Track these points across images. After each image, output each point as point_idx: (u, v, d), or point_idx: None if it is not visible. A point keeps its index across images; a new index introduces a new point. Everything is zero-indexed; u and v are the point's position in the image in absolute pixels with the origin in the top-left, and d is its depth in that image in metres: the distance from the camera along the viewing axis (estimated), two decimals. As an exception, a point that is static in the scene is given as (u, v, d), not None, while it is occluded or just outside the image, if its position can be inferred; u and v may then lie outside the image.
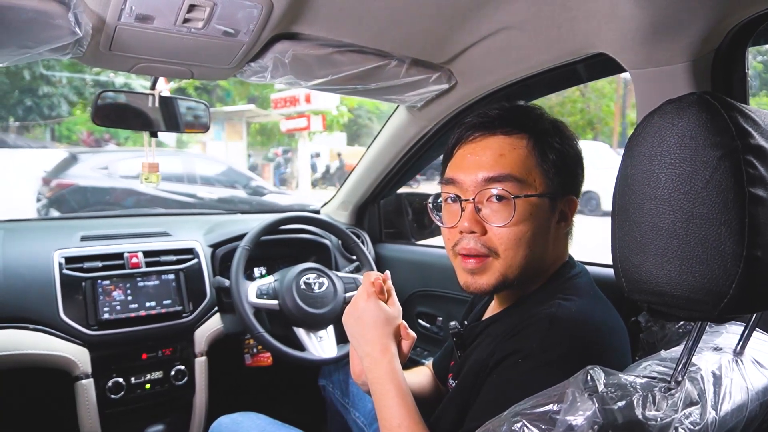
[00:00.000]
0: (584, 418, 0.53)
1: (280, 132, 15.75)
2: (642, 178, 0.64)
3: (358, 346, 0.97)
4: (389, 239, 2.21)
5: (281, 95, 13.37)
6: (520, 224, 0.86)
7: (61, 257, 1.52)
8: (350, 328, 0.98)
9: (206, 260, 1.72)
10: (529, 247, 0.87)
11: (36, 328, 1.42)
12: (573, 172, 0.93)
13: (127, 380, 1.54)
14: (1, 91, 11.89)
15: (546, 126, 0.92)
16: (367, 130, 19.64)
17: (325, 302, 1.64)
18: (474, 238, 0.88)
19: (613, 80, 15.84)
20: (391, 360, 0.92)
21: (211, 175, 8.53)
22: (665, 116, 0.63)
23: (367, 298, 0.97)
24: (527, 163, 0.88)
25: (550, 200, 0.89)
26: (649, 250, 0.63)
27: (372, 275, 1.01)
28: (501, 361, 0.82)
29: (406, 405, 0.88)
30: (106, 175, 7.41)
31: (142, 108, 1.32)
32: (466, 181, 0.89)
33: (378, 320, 0.95)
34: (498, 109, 0.93)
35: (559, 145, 0.90)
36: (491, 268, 0.89)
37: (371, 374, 0.93)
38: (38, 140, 13.02)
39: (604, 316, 0.87)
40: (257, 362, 1.80)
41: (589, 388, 0.58)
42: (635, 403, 0.58)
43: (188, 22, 0.99)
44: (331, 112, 14.77)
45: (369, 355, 0.94)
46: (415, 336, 1.00)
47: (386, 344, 0.94)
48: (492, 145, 0.89)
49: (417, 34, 1.21)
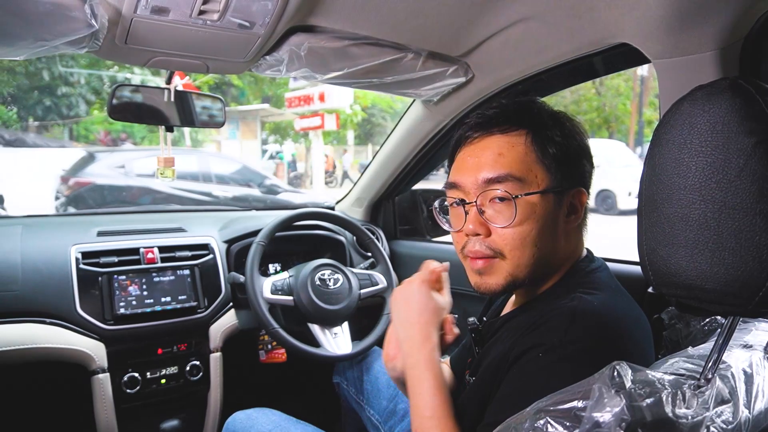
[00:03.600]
0: (612, 414, 0.50)
1: (294, 130, 15.81)
2: (671, 167, 0.62)
3: (402, 328, 0.95)
4: (404, 236, 2.19)
5: (295, 94, 13.41)
6: (524, 224, 0.85)
7: (78, 252, 1.53)
8: (397, 309, 0.97)
9: (221, 256, 1.72)
10: (536, 245, 0.86)
11: (53, 322, 1.43)
12: (577, 164, 0.90)
13: (142, 375, 1.54)
14: (21, 91, 12.08)
15: (544, 119, 0.90)
16: (380, 129, 19.65)
17: (340, 298, 1.63)
18: (479, 240, 0.88)
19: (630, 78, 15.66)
20: (432, 349, 0.91)
21: (225, 173, 8.59)
22: (696, 102, 0.60)
23: (420, 283, 0.96)
24: (527, 160, 0.86)
25: (556, 195, 0.87)
26: (678, 241, 0.60)
27: (432, 263, 1.00)
28: (521, 355, 0.80)
29: (441, 396, 0.87)
30: (122, 173, 7.51)
31: (157, 103, 1.32)
32: (467, 183, 0.89)
33: (426, 306, 0.94)
34: (495, 108, 0.92)
35: (560, 137, 0.88)
36: (499, 269, 0.88)
37: (410, 359, 0.91)
38: (57, 139, 13.21)
39: (627, 310, 0.85)
40: (272, 358, 1.80)
41: (616, 384, 0.56)
42: (664, 400, 0.55)
43: (203, 14, 0.98)
44: (344, 111, 14.80)
45: (411, 339, 0.93)
46: (459, 333, 0.99)
47: (429, 332, 0.93)
48: (490, 145, 0.88)
49: (434, 27, 1.19)
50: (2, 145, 11.04)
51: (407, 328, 0.94)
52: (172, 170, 1.38)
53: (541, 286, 0.93)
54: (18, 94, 12.21)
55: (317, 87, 12.64)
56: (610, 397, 0.53)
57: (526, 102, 0.93)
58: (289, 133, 17.57)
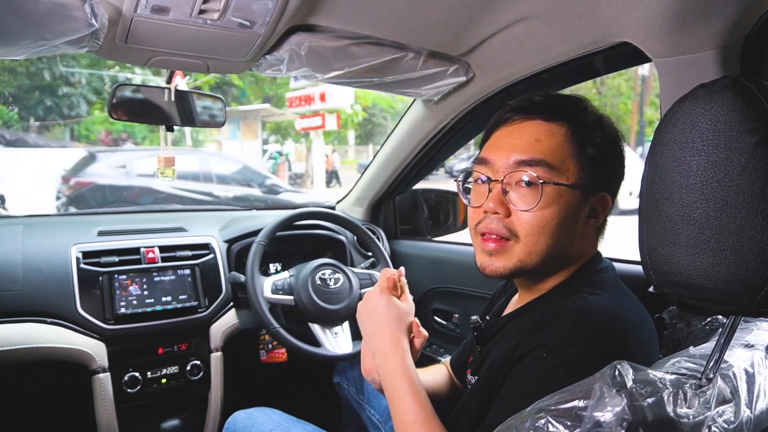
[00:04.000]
0: (613, 414, 0.50)
1: (295, 130, 15.81)
2: (672, 166, 0.61)
3: (370, 342, 0.97)
4: (404, 236, 2.19)
5: (296, 94, 13.41)
6: (546, 211, 0.84)
7: (79, 252, 1.53)
8: (363, 323, 0.99)
9: (222, 256, 1.72)
10: (552, 236, 0.85)
11: (53, 321, 1.43)
12: (610, 170, 0.90)
13: (143, 375, 1.54)
14: (22, 91, 12.08)
15: (588, 118, 0.90)
16: (381, 128, 19.66)
17: (340, 298, 1.62)
18: (497, 218, 0.87)
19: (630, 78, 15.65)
20: (403, 355, 0.92)
21: (226, 173, 8.60)
22: (697, 101, 0.60)
23: (380, 293, 0.98)
24: (562, 152, 0.86)
25: (582, 193, 0.86)
26: (680, 240, 0.60)
27: (388, 271, 1.01)
28: (525, 355, 0.80)
29: (419, 400, 0.87)
30: (123, 173, 7.52)
31: (158, 102, 1.32)
32: (498, 162, 0.88)
33: (390, 315, 0.95)
34: (542, 96, 0.91)
35: (600, 140, 0.88)
36: (510, 252, 0.87)
37: (383, 369, 0.92)
38: (58, 140, 13.22)
39: (632, 311, 0.85)
40: (272, 358, 1.80)
41: (617, 383, 0.56)
42: (666, 399, 0.55)
43: (204, 14, 0.98)
44: (345, 111, 14.79)
45: (380, 350, 0.94)
46: (427, 334, 0.99)
47: (398, 339, 0.93)
48: (529, 129, 0.88)
49: (435, 26, 1.19)
50: (3, 145, 11.05)
51: (376, 341, 0.95)
52: (173, 170, 1.38)
53: (546, 284, 0.92)
54: (19, 95, 12.23)
55: (318, 87, 12.64)
56: (611, 397, 0.52)
57: (575, 97, 0.93)
58: (290, 133, 17.57)
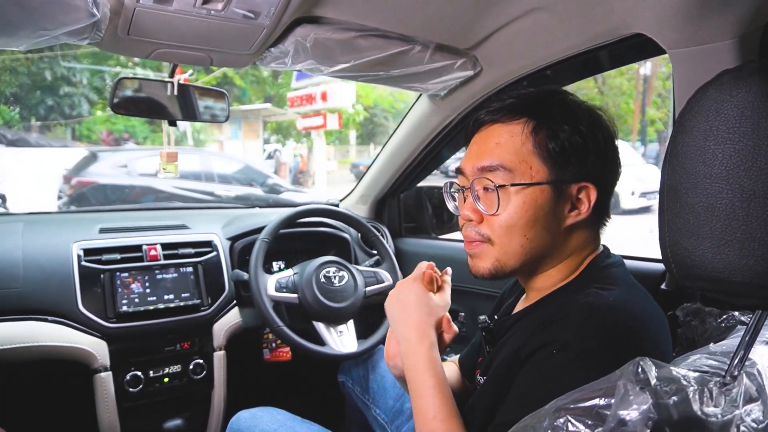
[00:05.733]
0: (639, 412, 0.48)
1: (296, 130, 15.79)
2: (695, 156, 0.59)
3: (397, 329, 0.95)
4: (409, 234, 2.17)
5: (297, 94, 13.39)
6: (511, 212, 0.85)
7: (80, 249, 1.51)
8: (392, 310, 0.97)
9: (225, 253, 1.70)
10: (524, 234, 0.85)
11: (55, 320, 1.41)
12: (584, 159, 0.86)
13: (145, 374, 1.52)
14: (24, 90, 12.07)
15: (552, 111, 0.87)
16: (382, 128, 19.64)
17: (345, 296, 1.60)
18: (471, 226, 0.90)
19: (633, 78, 15.61)
20: (430, 348, 0.90)
21: (228, 173, 8.58)
22: (722, 87, 0.58)
23: (413, 282, 0.97)
24: (522, 151, 0.85)
25: (554, 187, 0.85)
26: (704, 232, 0.58)
27: (425, 264, 1.00)
28: (534, 352, 0.78)
29: (442, 396, 0.85)
30: (125, 173, 7.50)
31: (160, 97, 1.30)
32: (467, 170, 0.91)
33: (420, 305, 0.94)
34: (510, 96, 0.91)
35: (567, 132, 0.85)
36: (487, 254, 0.89)
37: (408, 359, 0.90)
38: (59, 139, 13.21)
39: (644, 306, 0.82)
40: (276, 357, 1.78)
41: (641, 380, 0.53)
42: (691, 398, 0.53)
43: (208, 4, 0.96)
44: (347, 110, 14.76)
45: (407, 339, 0.92)
46: (457, 330, 0.97)
47: (426, 331, 0.92)
48: (492, 134, 0.89)
49: (442, 18, 1.17)
50: (5, 145, 11.04)
51: (403, 329, 0.93)
52: (175, 165, 1.35)
53: (551, 281, 0.90)
54: (20, 94, 12.21)
55: (319, 86, 12.61)
56: (636, 394, 0.50)
57: (538, 92, 0.91)
58: (291, 133, 17.55)
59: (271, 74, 17.06)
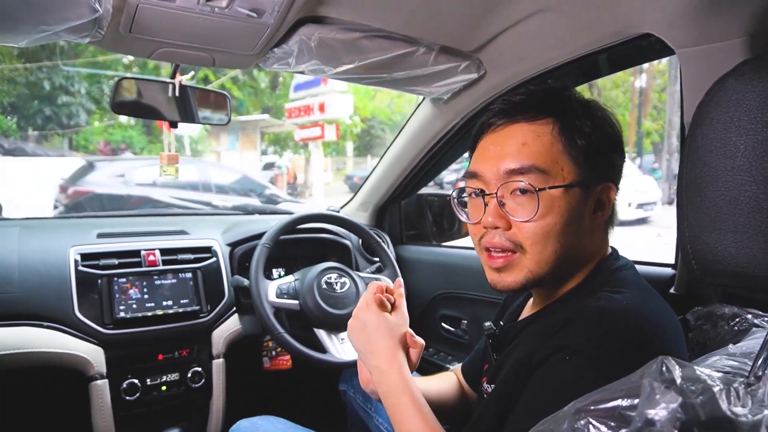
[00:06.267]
0: (668, 411, 0.46)
1: (294, 141, 15.81)
2: (716, 148, 0.57)
3: (365, 360, 0.94)
4: (410, 241, 2.15)
5: (295, 105, 13.41)
6: (547, 217, 0.80)
7: (77, 254, 1.48)
8: (354, 340, 0.95)
9: (224, 259, 1.67)
10: (559, 241, 0.80)
11: (50, 326, 1.38)
12: (607, 157, 0.84)
13: (142, 382, 1.49)
14: (21, 100, 12.07)
15: (574, 108, 0.84)
16: (379, 140, 19.71)
17: (346, 303, 1.57)
18: (498, 232, 0.83)
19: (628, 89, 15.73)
20: (400, 369, 0.89)
21: (226, 183, 8.55)
22: (742, 78, 0.57)
23: (366, 308, 0.95)
24: (552, 152, 0.81)
25: (582, 189, 0.81)
26: (726, 226, 0.56)
27: (374, 285, 0.98)
28: (545, 359, 0.75)
29: (422, 414, 0.84)
30: (122, 182, 7.47)
31: (162, 98, 1.28)
32: (488, 173, 0.83)
33: (380, 330, 0.92)
34: (522, 94, 0.86)
35: (590, 128, 0.82)
36: (518, 265, 0.83)
37: (382, 387, 0.89)
38: (56, 149, 13.19)
39: (658, 310, 0.80)
40: (276, 365, 1.74)
41: (666, 380, 0.51)
42: (719, 397, 0.51)
43: (211, 1, 0.95)
44: (344, 122, 14.79)
45: (376, 367, 0.91)
46: (423, 342, 0.96)
47: (392, 354, 0.91)
48: (515, 134, 0.83)
49: (447, 19, 1.16)
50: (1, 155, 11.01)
51: (370, 358, 0.92)
52: (176, 168, 1.33)
53: (564, 286, 0.87)
54: (18, 104, 12.21)
55: (317, 97, 12.63)
56: (663, 393, 0.48)
57: (555, 89, 0.88)
58: (288, 144, 17.58)
59: (269, 85, 17.15)
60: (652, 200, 9.72)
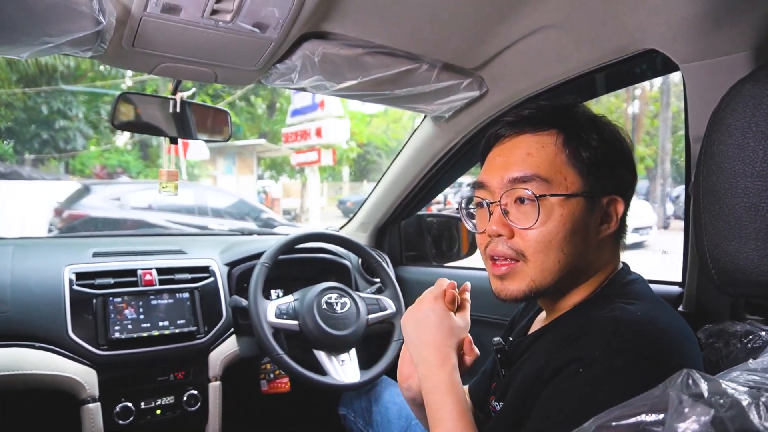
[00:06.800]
0: (699, 425, 0.43)
1: (290, 166, 15.85)
2: (734, 154, 0.56)
3: (415, 351, 0.89)
4: (410, 262, 2.12)
5: (292, 129, 13.48)
6: (549, 225, 0.80)
7: (72, 273, 1.45)
8: (409, 329, 0.91)
9: (222, 279, 1.64)
10: (562, 249, 0.80)
11: (42, 346, 1.34)
12: (614, 171, 0.85)
13: (136, 405, 1.44)
14: (18, 124, 12.09)
15: (580, 122, 0.85)
16: (375, 166, 19.81)
17: (347, 323, 1.54)
18: (502, 241, 0.83)
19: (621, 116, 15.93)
20: (452, 371, 0.85)
21: (222, 207, 8.53)
22: (759, 83, 0.56)
23: (434, 301, 0.91)
24: (556, 162, 0.81)
25: (587, 200, 0.81)
26: (747, 234, 0.55)
27: (445, 281, 0.95)
28: (558, 371, 0.73)
29: (464, 420, 0.80)
30: (117, 206, 7.44)
31: (163, 114, 1.27)
32: (493, 183, 0.85)
33: (442, 326, 0.89)
34: (531, 108, 0.88)
35: (597, 142, 0.83)
36: (521, 274, 0.83)
37: (427, 382, 0.85)
38: (52, 173, 13.17)
39: (672, 321, 0.78)
40: (274, 388, 1.70)
41: (693, 393, 0.49)
42: (748, 411, 0.48)
43: (216, 14, 0.94)
44: (341, 147, 14.85)
45: (426, 361, 0.86)
46: (478, 353, 0.92)
47: (447, 353, 0.87)
48: (520, 144, 0.84)
49: (450, 36, 1.16)
50: (-2, 178, 10.97)
51: (422, 350, 0.88)
52: (175, 184, 1.32)
53: (572, 299, 0.86)
54: (15, 128, 12.23)
55: (314, 122, 12.70)
56: (692, 406, 0.46)
57: (563, 103, 0.89)
58: (285, 169, 17.62)
59: (266, 111, 17.29)
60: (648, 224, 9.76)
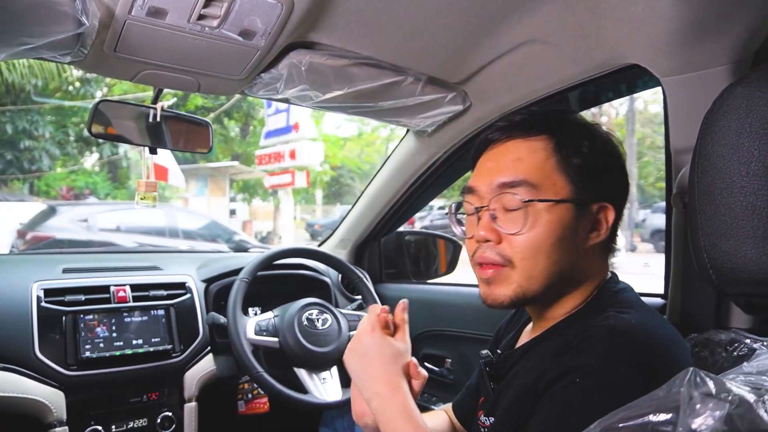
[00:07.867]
0: (714, 420, 0.43)
1: (263, 188, 15.73)
2: (728, 154, 0.57)
3: (364, 387, 0.86)
4: (389, 279, 2.10)
5: (266, 151, 13.44)
6: (537, 231, 0.79)
7: (40, 289, 1.38)
8: (353, 366, 0.89)
9: (199, 296, 1.59)
10: (549, 256, 0.80)
11: (6, 367, 1.26)
12: (606, 178, 0.85)
13: (107, 429, 1.37)
14: (-21, 144, 11.72)
15: (571, 127, 0.85)
16: (348, 188, 19.85)
17: (328, 340, 1.51)
18: (490, 246, 0.82)
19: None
20: (405, 398, 0.83)
21: (193, 228, 8.37)
22: (750, 85, 0.57)
23: (371, 332, 0.88)
24: (545, 167, 0.81)
25: (576, 206, 0.81)
26: (744, 233, 0.55)
27: (377, 308, 0.92)
28: (555, 381, 0.72)
29: None
30: (85, 227, 7.21)
31: (142, 123, 1.23)
32: (482, 188, 0.84)
33: (385, 356, 0.86)
34: (522, 114, 0.88)
35: (588, 149, 0.83)
36: (508, 279, 0.82)
37: (383, 416, 0.82)
38: (15, 194, 12.75)
39: (665, 329, 0.79)
40: (252, 409, 1.64)
41: (701, 391, 0.48)
42: (756, 409, 0.48)
43: (203, 20, 0.93)
44: (314, 169, 14.85)
45: (378, 395, 0.84)
46: (427, 375, 0.90)
47: (396, 381, 0.84)
48: (510, 149, 0.84)
49: (434, 49, 1.17)
50: (-44, 199, 10.56)
51: (371, 385, 0.85)
52: (154, 196, 1.27)
53: (562, 308, 0.85)
54: (-23, 148, 11.84)
55: (288, 144, 12.69)
56: (704, 403, 0.45)
57: (555, 109, 0.89)
58: (258, 191, 17.49)
59: (239, 134, 17.19)
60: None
